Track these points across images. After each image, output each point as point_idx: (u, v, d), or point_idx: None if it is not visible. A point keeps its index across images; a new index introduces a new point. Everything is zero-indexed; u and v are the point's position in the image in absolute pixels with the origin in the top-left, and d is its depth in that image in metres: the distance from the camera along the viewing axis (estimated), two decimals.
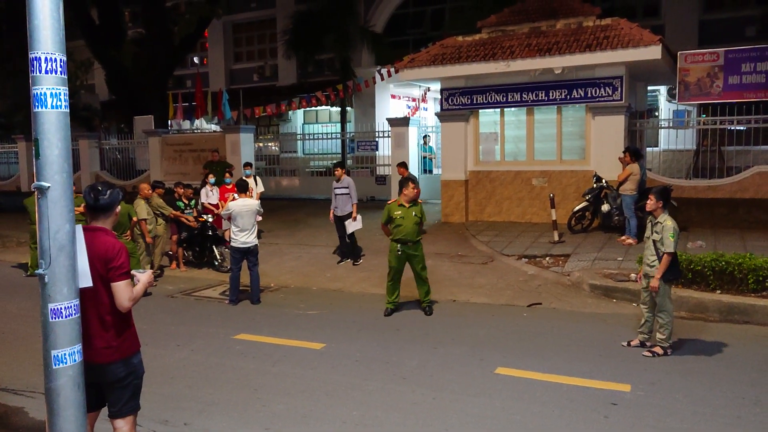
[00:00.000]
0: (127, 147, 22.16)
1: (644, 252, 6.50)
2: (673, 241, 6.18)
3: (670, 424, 4.81)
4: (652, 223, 6.41)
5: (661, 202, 6.31)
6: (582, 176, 12.94)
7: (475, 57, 13.34)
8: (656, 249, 6.31)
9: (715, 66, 12.73)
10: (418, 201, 8.35)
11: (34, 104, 2.93)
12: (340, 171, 11.49)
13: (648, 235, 6.43)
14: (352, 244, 11.39)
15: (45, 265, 2.97)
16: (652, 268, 6.33)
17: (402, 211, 8.09)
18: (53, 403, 3.06)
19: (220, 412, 5.23)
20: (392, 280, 8.19)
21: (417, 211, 8.11)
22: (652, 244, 6.35)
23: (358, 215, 11.16)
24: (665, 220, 6.28)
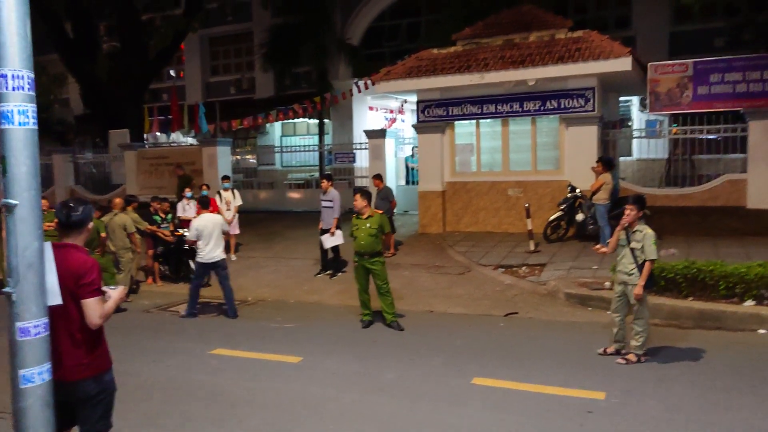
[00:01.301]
0: (103, 161, 21.95)
1: (620, 260, 6.55)
2: (655, 248, 6.32)
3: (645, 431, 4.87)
4: (628, 232, 6.48)
5: (641, 212, 6.43)
6: (557, 186, 13.09)
7: (450, 69, 13.48)
8: (635, 257, 6.39)
9: (684, 77, 13.00)
10: (376, 213, 8.20)
11: (1, 121, 2.91)
12: (326, 183, 11.46)
13: (623, 243, 6.50)
14: (335, 257, 11.37)
15: (13, 283, 2.94)
16: (632, 276, 6.40)
17: (358, 223, 8.10)
18: (21, 423, 3.01)
19: (196, 428, 5.18)
20: (360, 292, 8.20)
21: (372, 223, 7.99)
22: (630, 253, 6.42)
23: (338, 230, 11.07)
24: (644, 229, 6.39)
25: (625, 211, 6.47)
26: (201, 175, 18.08)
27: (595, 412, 5.24)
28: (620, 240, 6.55)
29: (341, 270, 11.34)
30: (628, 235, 6.46)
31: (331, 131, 23.38)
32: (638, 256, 6.35)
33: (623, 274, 6.48)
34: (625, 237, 6.48)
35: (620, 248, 6.55)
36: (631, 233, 6.45)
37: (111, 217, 10.03)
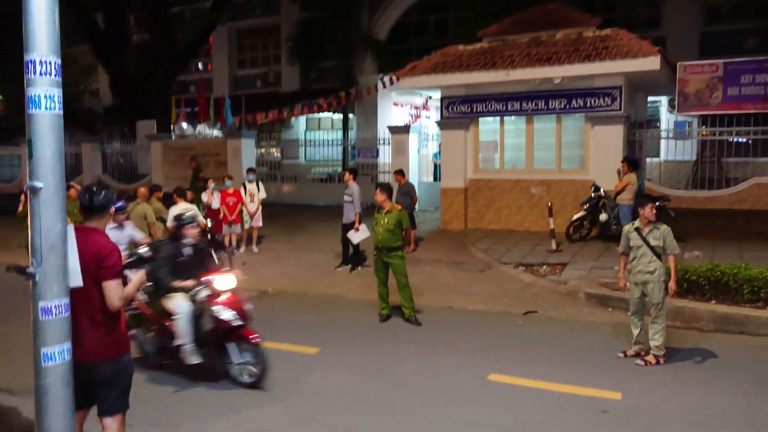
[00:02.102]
0: (130, 151, 22.28)
1: (637, 261, 6.48)
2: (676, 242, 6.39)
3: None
4: (641, 232, 6.44)
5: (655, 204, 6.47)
6: (581, 185, 12.97)
7: (476, 66, 13.41)
8: (657, 255, 6.35)
9: (714, 77, 12.78)
10: (395, 208, 8.19)
11: (29, 106, 2.99)
12: (348, 176, 11.47)
13: (638, 244, 6.44)
14: (355, 251, 11.41)
15: (36, 263, 3.01)
16: (653, 274, 6.35)
17: (378, 217, 8.19)
18: (42, 400, 3.09)
19: (211, 415, 5.25)
20: (379, 285, 8.26)
21: (390, 219, 8.03)
22: (650, 251, 6.37)
23: (361, 225, 11.05)
24: (660, 225, 6.42)
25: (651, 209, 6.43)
26: (225, 167, 18.28)
27: (610, 412, 5.20)
28: (632, 241, 6.48)
29: (361, 264, 11.37)
30: (642, 235, 6.41)
31: (355, 126, 23.44)
32: (660, 253, 6.33)
33: (643, 274, 6.40)
34: (640, 237, 6.42)
35: (635, 250, 6.48)
36: (647, 233, 6.40)
37: (133, 206, 10.18)
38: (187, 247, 6.37)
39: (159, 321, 6.19)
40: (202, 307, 5.98)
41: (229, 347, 5.92)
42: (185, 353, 5.94)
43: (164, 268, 6.04)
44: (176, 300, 6.01)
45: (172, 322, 5.99)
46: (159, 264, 5.98)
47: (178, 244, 6.35)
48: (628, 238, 6.55)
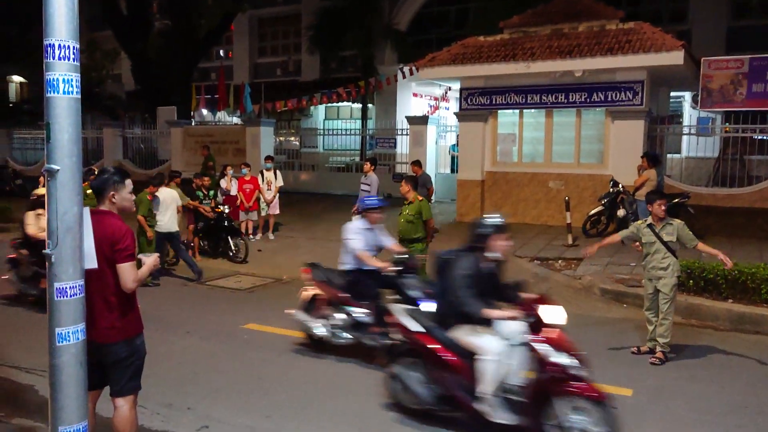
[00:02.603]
0: (150, 137, 22.47)
1: (650, 257, 6.42)
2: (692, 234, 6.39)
3: (669, 430, 4.80)
4: (654, 228, 6.38)
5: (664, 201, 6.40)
6: (599, 180, 12.86)
7: (496, 57, 13.32)
8: (671, 250, 6.29)
9: (739, 73, 12.56)
10: (417, 200, 8.21)
11: (47, 89, 3.03)
12: (368, 166, 11.54)
13: (651, 240, 6.39)
14: None
15: (52, 245, 3.07)
16: (666, 270, 6.30)
17: (402, 208, 8.23)
18: (56, 379, 3.15)
19: (223, 399, 5.32)
20: None
21: (411, 210, 8.08)
22: (664, 247, 6.31)
23: None
24: (673, 221, 6.42)
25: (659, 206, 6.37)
26: (244, 155, 18.38)
27: (620, 409, 5.15)
28: (645, 238, 6.43)
29: None
30: (656, 231, 6.35)
31: (374, 116, 23.43)
32: (675, 249, 6.27)
33: (657, 270, 6.35)
34: (653, 233, 6.37)
35: (648, 246, 6.42)
36: (660, 229, 6.34)
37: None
38: (490, 262, 4.78)
39: (447, 360, 4.64)
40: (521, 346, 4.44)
41: (557, 403, 4.30)
42: (488, 406, 4.42)
43: (467, 288, 4.55)
44: (485, 335, 4.51)
45: (473, 363, 4.50)
46: (458, 282, 4.59)
47: (480, 256, 4.74)
48: (637, 231, 6.51)
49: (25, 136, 25.69)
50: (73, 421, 3.16)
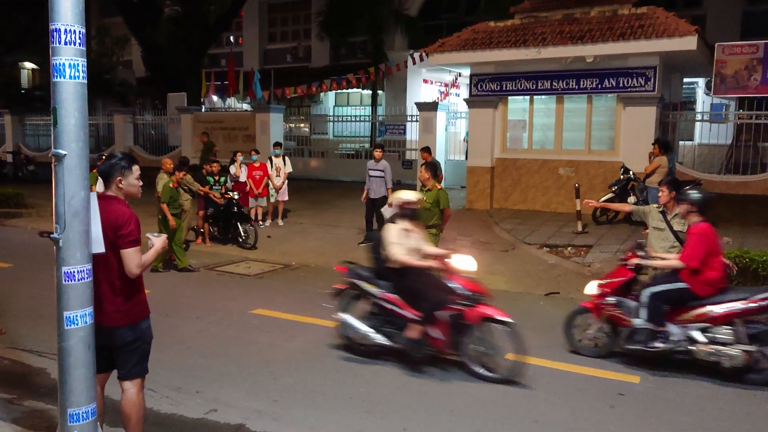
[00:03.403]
0: (161, 123, 22.54)
1: (656, 244, 6.34)
2: None
3: (676, 417, 4.79)
4: (666, 215, 6.31)
5: (674, 192, 6.25)
6: (610, 167, 12.78)
7: (506, 43, 13.22)
8: (679, 240, 6.23)
9: (753, 58, 12.39)
10: (435, 187, 8.23)
11: (53, 74, 3.04)
12: (379, 152, 11.57)
13: (660, 227, 6.32)
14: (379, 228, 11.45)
15: (60, 230, 3.09)
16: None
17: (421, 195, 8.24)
18: (65, 362, 3.20)
19: (231, 383, 5.37)
20: None
21: (429, 197, 8.07)
22: (672, 236, 6.25)
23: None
24: None
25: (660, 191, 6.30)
26: (254, 141, 18.41)
27: (628, 395, 5.18)
28: (655, 222, 6.37)
29: None
30: (666, 219, 6.29)
31: (383, 103, 23.36)
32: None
33: None
34: (664, 220, 6.30)
35: (656, 232, 6.36)
36: (671, 217, 6.28)
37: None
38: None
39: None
40: None
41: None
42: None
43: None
44: None
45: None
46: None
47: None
48: (649, 212, 6.45)
49: (38, 123, 25.85)
50: (81, 404, 3.21)
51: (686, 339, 5.55)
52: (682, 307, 5.62)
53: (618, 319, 5.86)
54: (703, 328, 5.51)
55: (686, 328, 5.56)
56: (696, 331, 5.51)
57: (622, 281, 5.92)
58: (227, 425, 4.59)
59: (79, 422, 3.21)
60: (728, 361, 5.36)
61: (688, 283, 5.56)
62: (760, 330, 5.37)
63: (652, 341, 5.59)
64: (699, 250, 5.51)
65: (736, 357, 5.33)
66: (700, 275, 5.54)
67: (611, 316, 5.91)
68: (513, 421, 4.71)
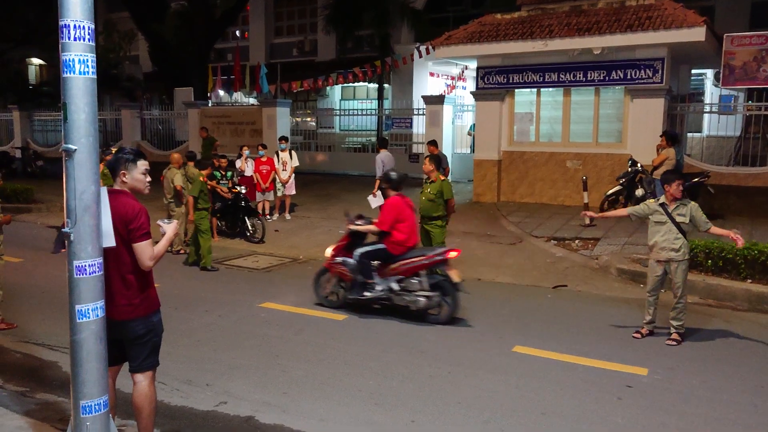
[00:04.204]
0: (168, 118, 22.59)
1: (661, 238, 6.31)
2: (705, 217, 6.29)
3: (684, 409, 4.80)
4: (666, 208, 6.29)
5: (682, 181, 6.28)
6: (618, 159, 12.73)
7: (513, 35, 13.17)
8: (683, 231, 6.22)
9: (762, 49, 12.29)
10: (439, 179, 8.26)
11: (63, 70, 3.05)
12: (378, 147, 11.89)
13: (662, 221, 6.29)
14: None
15: (71, 224, 3.12)
16: (679, 252, 6.23)
17: (424, 187, 8.37)
18: (77, 354, 3.23)
19: (241, 375, 5.41)
20: None
21: (433, 189, 8.17)
22: (675, 228, 6.23)
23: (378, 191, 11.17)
24: (687, 201, 6.31)
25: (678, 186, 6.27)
26: (261, 135, 18.44)
27: (635, 387, 5.18)
28: (656, 217, 6.34)
29: None
30: (668, 211, 6.27)
31: (390, 96, 23.31)
32: (687, 231, 6.20)
33: (668, 251, 6.25)
34: (665, 213, 6.28)
35: (657, 226, 6.33)
36: (672, 209, 6.26)
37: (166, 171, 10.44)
38: None
39: None
40: None
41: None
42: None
43: None
44: None
45: None
46: None
47: None
48: (647, 210, 6.42)
49: (45, 118, 25.95)
50: (93, 396, 3.25)
51: (388, 289, 7.03)
52: (385, 264, 7.12)
53: (343, 274, 7.27)
54: (399, 280, 7.02)
55: (387, 280, 7.06)
56: (394, 282, 7.03)
57: (343, 244, 7.46)
58: (237, 417, 4.63)
59: (91, 414, 3.25)
60: (414, 304, 6.92)
61: (384, 244, 7.14)
62: (438, 280, 6.92)
63: (364, 291, 7.08)
64: (388, 218, 7.08)
65: (419, 301, 6.88)
66: (391, 237, 7.09)
67: (339, 272, 7.32)
68: (521, 413, 4.73)
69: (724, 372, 5.52)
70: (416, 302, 6.88)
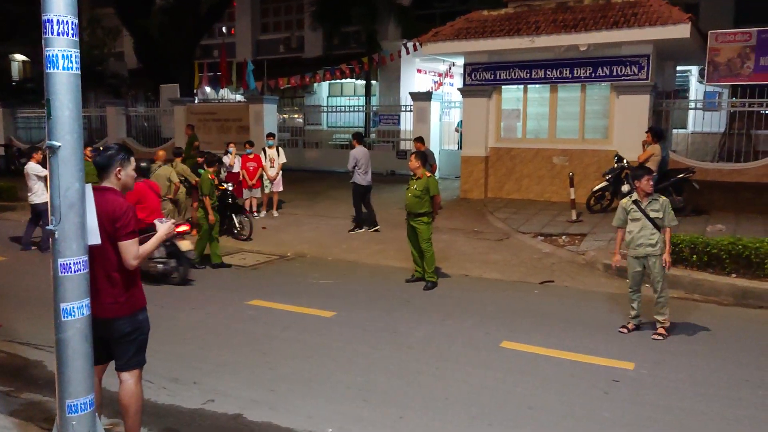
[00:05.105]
0: (154, 115, 22.42)
1: (637, 234, 6.34)
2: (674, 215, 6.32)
3: (670, 403, 4.84)
4: (640, 204, 6.33)
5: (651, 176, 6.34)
6: (604, 156, 12.81)
7: (500, 32, 13.20)
8: (657, 227, 6.27)
9: (746, 46, 12.41)
10: (425, 175, 8.26)
11: (47, 65, 3.02)
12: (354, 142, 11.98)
13: (637, 217, 6.34)
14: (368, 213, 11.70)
15: (55, 222, 3.09)
16: (656, 247, 6.28)
17: (410, 183, 8.38)
18: (62, 353, 3.20)
19: (229, 373, 5.39)
20: (411, 249, 8.48)
21: (419, 185, 8.15)
22: (651, 224, 6.28)
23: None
24: (659, 197, 6.37)
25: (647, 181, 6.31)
26: (248, 132, 18.36)
27: (622, 382, 5.22)
28: (631, 214, 6.38)
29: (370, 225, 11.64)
30: (641, 208, 6.31)
31: (377, 93, 23.30)
32: (661, 225, 6.24)
33: (645, 247, 6.28)
34: (639, 209, 6.32)
35: (633, 223, 6.37)
36: (645, 205, 6.30)
37: (154, 169, 10.34)
38: None
39: None
40: None
41: None
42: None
43: None
44: None
45: None
46: None
47: None
48: (625, 211, 6.44)
49: (29, 115, 25.65)
50: (79, 395, 3.22)
51: None
52: None
53: None
54: None
55: None
56: None
57: None
58: (224, 415, 4.61)
59: (77, 413, 3.22)
60: (154, 269, 8.12)
61: None
62: (172, 250, 8.14)
63: None
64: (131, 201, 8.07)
65: (158, 267, 8.15)
66: None
67: None
68: (508, 408, 4.75)
69: (709, 366, 5.58)
70: (155, 267, 8.14)
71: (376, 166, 13.57)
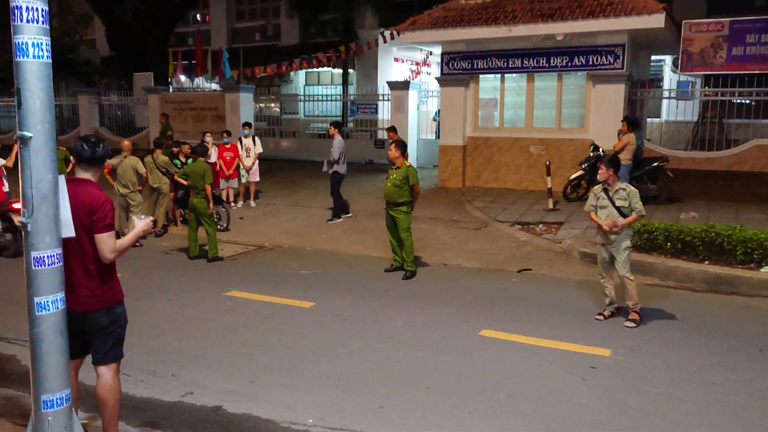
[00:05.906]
0: (127, 104, 22.06)
1: (604, 220, 6.40)
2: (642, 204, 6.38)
3: (646, 388, 4.92)
4: (609, 193, 6.41)
5: (612, 170, 6.37)
6: (580, 144, 12.92)
7: (477, 21, 13.19)
8: (622, 215, 6.34)
9: (719, 36, 12.58)
10: (404, 165, 8.25)
11: (16, 54, 2.93)
12: (332, 129, 11.90)
13: (605, 205, 6.42)
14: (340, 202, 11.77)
15: (27, 214, 3.02)
16: (620, 234, 6.37)
17: (389, 173, 8.37)
18: (36, 348, 3.13)
19: (207, 365, 5.35)
20: (390, 238, 8.50)
21: (398, 175, 8.15)
22: (617, 212, 6.35)
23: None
24: (627, 187, 6.44)
25: (600, 169, 6.40)
26: (223, 121, 18.15)
27: (599, 368, 5.30)
28: (600, 202, 6.46)
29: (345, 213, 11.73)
30: (609, 196, 6.40)
31: (355, 82, 23.16)
32: (626, 214, 6.32)
33: (610, 234, 6.38)
34: (607, 197, 6.41)
35: (601, 210, 6.46)
36: (613, 193, 6.39)
37: (120, 159, 10.16)
38: None
39: None
40: None
41: None
42: None
43: None
44: None
45: None
46: None
47: None
48: (596, 197, 6.54)
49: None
50: (55, 390, 3.16)
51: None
52: None
53: None
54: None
55: None
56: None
57: None
58: (204, 407, 4.58)
59: (53, 408, 3.16)
60: None
61: None
62: (10, 225, 8.90)
63: None
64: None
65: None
66: None
67: None
68: (488, 396, 4.79)
69: (683, 351, 5.68)
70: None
71: (353, 155, 13.50)
